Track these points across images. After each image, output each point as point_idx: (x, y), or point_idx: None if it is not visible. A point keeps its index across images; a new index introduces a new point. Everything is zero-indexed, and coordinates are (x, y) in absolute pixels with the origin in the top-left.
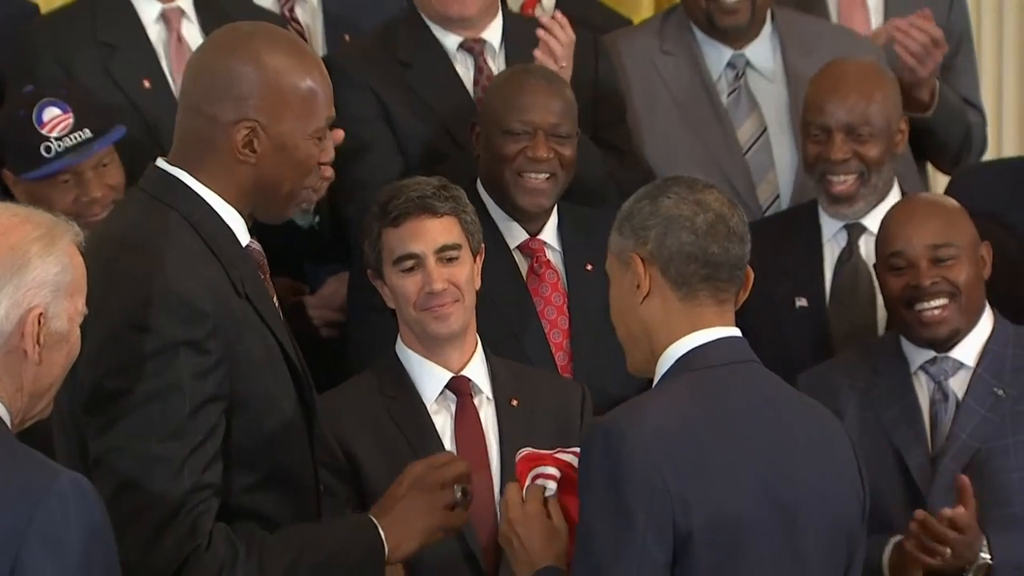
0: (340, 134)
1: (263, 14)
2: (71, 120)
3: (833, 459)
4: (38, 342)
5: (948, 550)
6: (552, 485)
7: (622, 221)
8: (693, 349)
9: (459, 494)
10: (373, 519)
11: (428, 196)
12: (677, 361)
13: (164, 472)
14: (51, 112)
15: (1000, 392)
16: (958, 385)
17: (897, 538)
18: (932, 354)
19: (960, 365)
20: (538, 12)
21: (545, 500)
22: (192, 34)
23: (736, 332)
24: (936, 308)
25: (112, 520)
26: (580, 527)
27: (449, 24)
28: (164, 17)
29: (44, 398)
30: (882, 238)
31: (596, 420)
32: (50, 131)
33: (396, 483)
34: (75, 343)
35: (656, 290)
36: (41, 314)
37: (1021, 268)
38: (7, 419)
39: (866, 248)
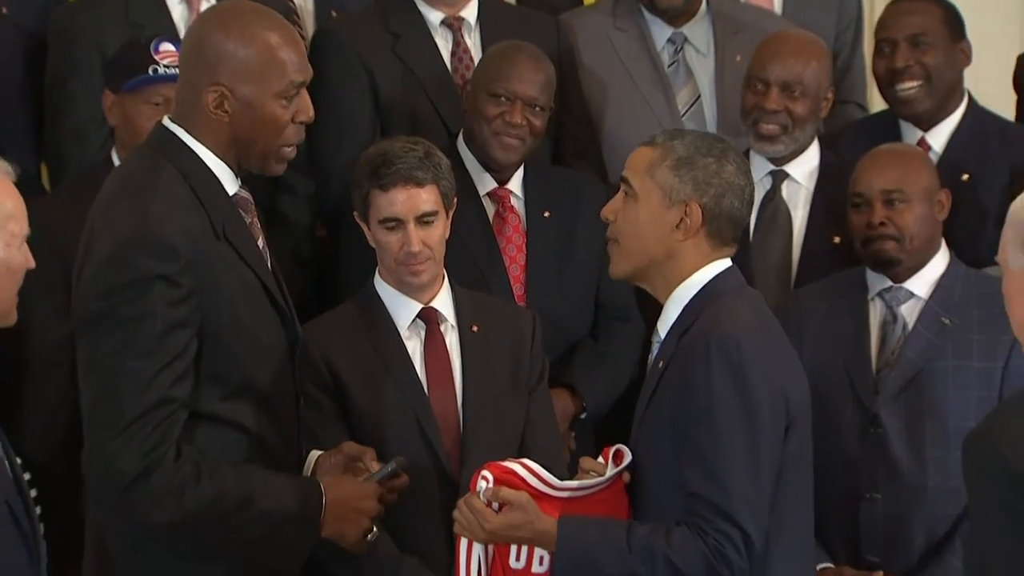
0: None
1: None
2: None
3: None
4: None
5: None
6: (483, 484)
7: (681, 164)
8: (717, 275)
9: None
10: (323, 493)
11: (414, 167)
12: (705, 286)
13: (134, 386)
14: (167, 47)
15: (947, 321)
16: (908, 312)
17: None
18: (889, 283)
19: (911, 295)
20: None
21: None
22: None
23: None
24: (885, 243)
25: (87, 428)
26: (704, 430)
27: (436, 2)
28: None
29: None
30: (851, 180)
31: (700, 329)
32: (161, 59)
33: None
34: (15, 265)
35: (694, 236)
36: None
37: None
38: None
39: (787, 192)
